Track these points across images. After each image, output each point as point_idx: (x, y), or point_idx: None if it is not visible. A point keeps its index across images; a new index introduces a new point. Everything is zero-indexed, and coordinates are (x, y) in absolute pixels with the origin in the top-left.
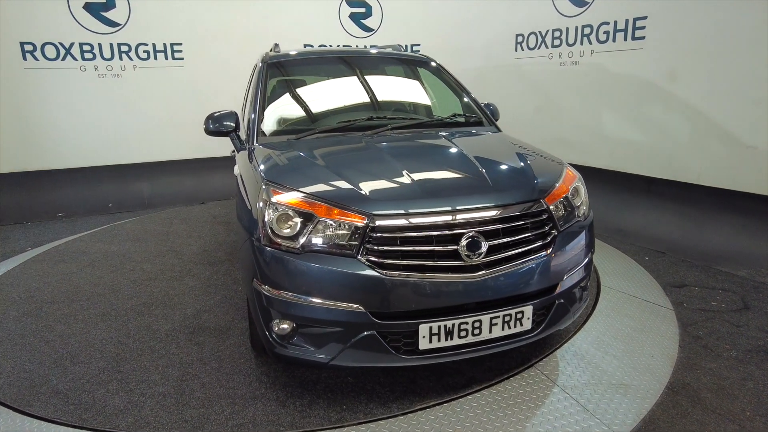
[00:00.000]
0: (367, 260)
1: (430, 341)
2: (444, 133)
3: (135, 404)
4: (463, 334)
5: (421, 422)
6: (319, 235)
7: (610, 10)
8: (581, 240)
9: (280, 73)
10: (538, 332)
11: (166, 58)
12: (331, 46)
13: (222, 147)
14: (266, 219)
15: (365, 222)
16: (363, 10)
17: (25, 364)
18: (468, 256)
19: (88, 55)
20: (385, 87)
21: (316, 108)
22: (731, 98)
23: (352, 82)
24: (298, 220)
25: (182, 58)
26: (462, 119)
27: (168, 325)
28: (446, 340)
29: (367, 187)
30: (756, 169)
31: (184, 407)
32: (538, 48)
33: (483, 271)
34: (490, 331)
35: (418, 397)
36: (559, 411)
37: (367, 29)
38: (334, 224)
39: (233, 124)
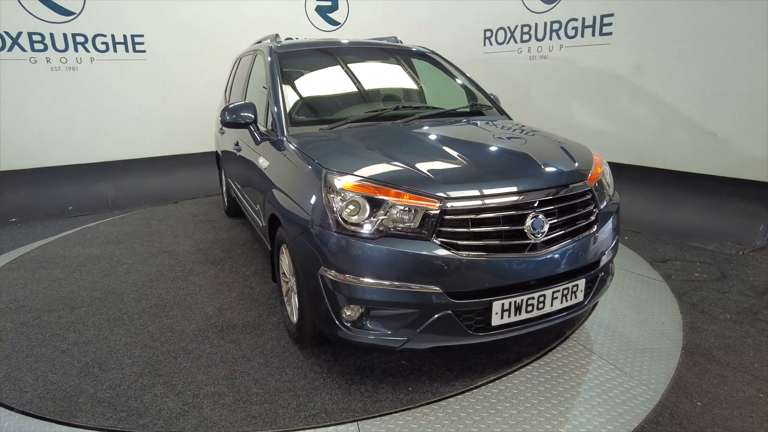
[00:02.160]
0: (442, 242)
1: (501, 317)
2: (471, 121)
3: (192, 406)
4: (529, 308)
5: (486, 396)
6: (391, 219)
7: (578, 6)
8: (614, 218)
9: (292, 63)
10: (587, 303)
11: (127, 50)
12: (296, 38)
13: (190, 143)
14: (335, 207)
15: (438, 205)
16: (329, 3)
17: (48, 375)
18: (533, 234)
19: (38, 46)
20: (400, 77)
21: (339, 98)
22: (693, 90)
23: (366, 72)
24: (367, 205)
25: (144, 51)
26: (478, 108)
27: (193, 325)
28: (515, 315)
29: (430, 171)
30: (716, 153)
31: (246, 404)
32: (507, 43)
33: (545, 249)
34: (552, 305)
35: (476, 374)
36: (602, 375)
37: (334, 23)
38: (405, 208)
39: (252, 115)
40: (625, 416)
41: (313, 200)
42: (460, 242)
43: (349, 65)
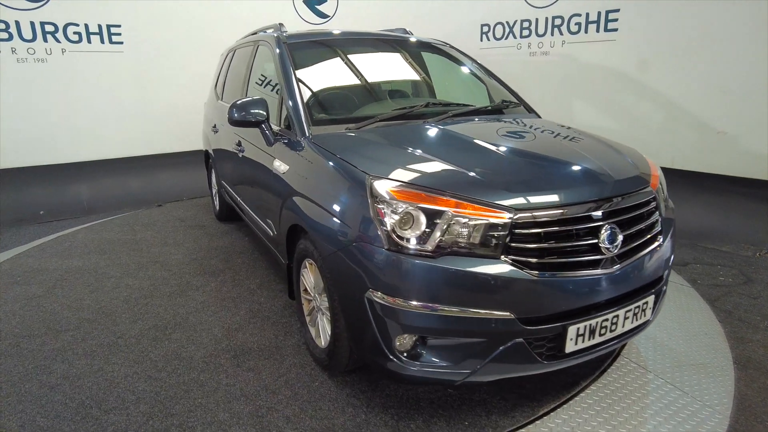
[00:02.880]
0: (513, 260)
1: (576, 343)
2: (508, 119)
3: None
4: (602, 331)
5: (551, 428)
6: (453, 234)
7: (582, 1)
8: (673, 226)
9: (303, 55)
10: (652, 320)
11: (102, 41)
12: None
13: (172, 142)
14: (386, 220)
15: (508, 217)
16: None
17: (36, 419)
18: (607, 248)
19: (2, 35)
20: (419, 72)
21: (358, 94)
22: (702, 87)
23: (383, 66)
24: (424, 218)
25: (121, 43)
26: (507, 105)
27: (201, 351)
28: (589, 339)
29: (491, 177)
30: (725, 152)
31: None
32: (506, 38)
33: (619, 264)
34: (623, 325)
35: (533, 402)
36: (664, 397)
37: (322, 15)
38: (469, 221)
39: (264, 113)
40: None
41: (355, 211)
42: (533, 260)
43: (365, 59)
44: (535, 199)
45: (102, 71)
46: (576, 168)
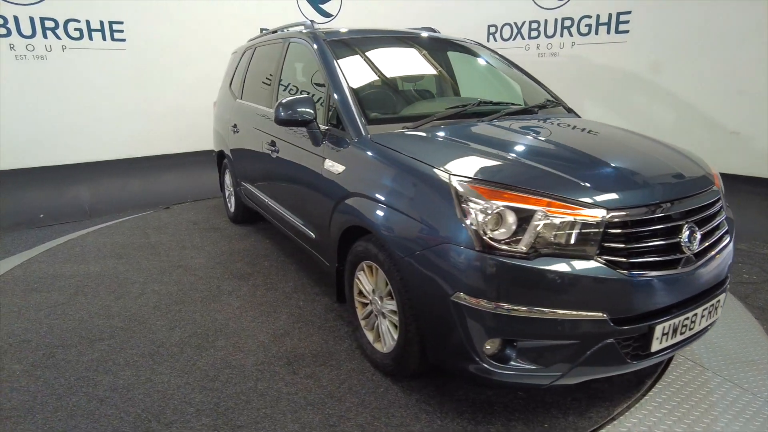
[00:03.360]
0: (606, 260)
1: (660, 341)
2: (557, 119)
3: None
4: (683, 329)
5: (628, 427)
6: (546, 234)
7: (593, 3)
8: (733, 226)
9: (344, 53)
10: (718, 318)
11: (104, 38)
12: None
13: (175, 142)
14: (476, 220)
15: (601, 217)
16: None
17: None
18: (687, 247)
19: (0, 30)
20: (463, 71)
21: (403, 93)
22: (715, 88)
23: (423, 64)
24: (515, 218)
25: (124, 40)
26: (551, 105)
27: (251, 358)
28: (672, 338)
29: (577, 176)
30: (738, 152)
31: None
32: (513, 39)
33: (697, 263)
34: (699, 323)
35: (605, 401)
36: (726, 395)
37: (326, 14)
38: (562, 221)
39: (313, 112)
40: None
41: (438, 213)
42: (623, 259)
43: (403, 57)
44: (624, 199)
45: (103, 69)
46: (654, 168)
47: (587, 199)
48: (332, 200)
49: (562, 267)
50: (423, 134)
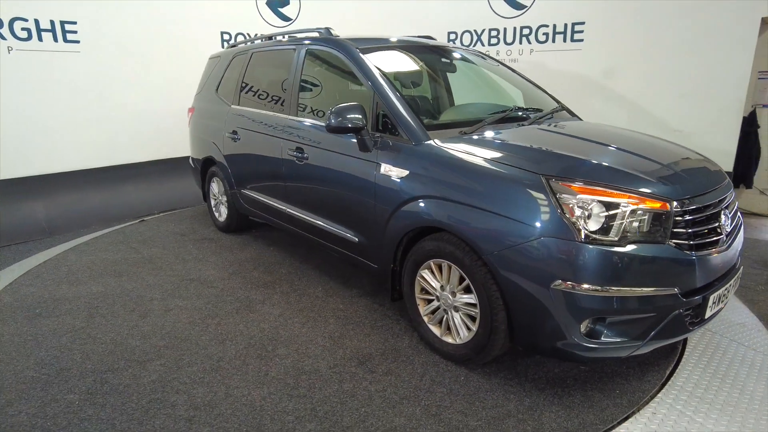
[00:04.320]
0: (675, 244)
1: (711, 309)
2: (578, 122)
3: None
4: (723, 299)
5: (680, 385)
6: (630, 223)
7: (549, 14)
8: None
9: (378, 61)
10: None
11: (56, 39)
12: (248, 34)
13: (137, 151)
14: (575, 214)
15: (670, 207)
16: None
17: None
18: (723, 230)
19: None
20: (489, 78)
21: (435, 98)
22: (660, 92)
23: (460, 72)
24: (605, 210)
25: (78, 42)
26: (561, 110)
27: (322, 363)
28: (717, 305)
29: (643, 173)
30: None
31: None
32: (473, 46)
33: (729, 243)
34: (730, 293)
35: (654, 366)
36: (739, 354)
37: (285, 18)
38: (640, 212)
39: (363, 118)
40: None
41: (533, 209)
42: (687, 242)
43: (423, 64)
44: (683, 191)
45: (56, 73)
46: (691, 164)
47: (658, 193)
48: (391, 204)
49: (645, 251)
50: (487, 138)
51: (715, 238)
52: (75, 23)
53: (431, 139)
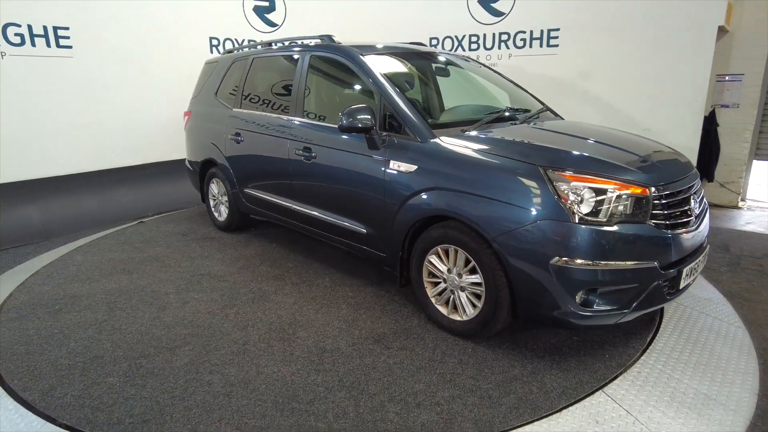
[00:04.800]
0: (654, 224)
1: (684, 281)
2: (565, 120)
3: (447, 415)
4: (693, 273)
5: (660, 348)
6: (616, 206)
7: (526, 21)
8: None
9: (381, 66)
10: None
11: (48, 45)
12: (236, 39)
13: (130, 155)
14: (570, 199)
15: (649, 193)
16: (266, 4)
17: (244, 421)
18: (693, 212)
19: None
20: (479, 81)
21: (436, 100)
22: (631, 93)
23: (454, 76)
24: (595, 195)
25: (70, 47)
26: (544, 110)
27: (341, 342)
28: (688, 278)
29: (626, 163)
30: None
31: (492, 400)
32: (455, 50)
33: (697, 223)
34: (699, 268)
35: (637, 335)
36: (707, 323)
37: (272, 24)
38: (624, 196)
39: (372, 119)
40: None
41: (532, 196)
42: (664, 222)
43: (424, 70)
44: (660, 178)
45: (49, 78)
46: (664, 155)
47: (639, 180)
48: (400, 196)
49: (629, 230)
50: (486, 135)
51: (686, 220)
52: (68, 29)
53: (437, 137)
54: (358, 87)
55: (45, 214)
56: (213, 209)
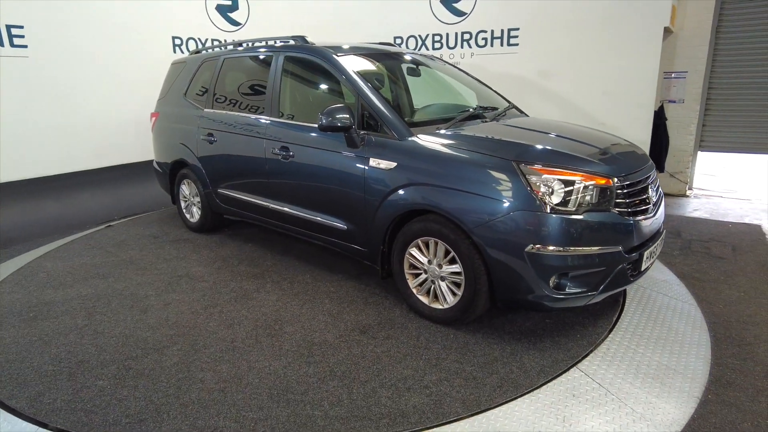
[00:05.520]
0: (618, 211)
1: (644, 264)
2: (530, 117)
3: (436, 396)
4: (652, 256)
5: (627, 323)
6: (582, 196)
7: (487, 20)
8: None
9: (355, 66)
10: None
11: (2, 44)
12: (200, 39)
13: (91, 158)
14: (541, 191)
15: (614, 182)
16: (229, 3)
17: (243, 414)
18: (651, 200)
19: None
20: (448, 81)
21: (402, 100)
22: (588, 90)
23: (424, 76)
24: (564, 187)
25: (25, 46)
26: (510, 107)
27: (328, 335)
28: (648, 261)
29: (591, 156)
30: None
31: (476, 380)
32: (419, 49)
33: (655, 210)
34: (657, 252)
35: (604, 315)
36: (664, 302)
37: (235, 23)
38: (590, 186)
39: (351, 118)
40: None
41: (507, 188)
42: (626, 210)
43: (391, 70)
44: (622, 170)
45: (3, 78)
46: (625, 149)
47: (603, 172)
48: (381, 192)
49: (596, 218)
50: (461, 133)
51: (645, 207)
52: (22, 27)
53: (414, 135)
54: (333, 87)
55: (4, 221)
56: (184, 211)
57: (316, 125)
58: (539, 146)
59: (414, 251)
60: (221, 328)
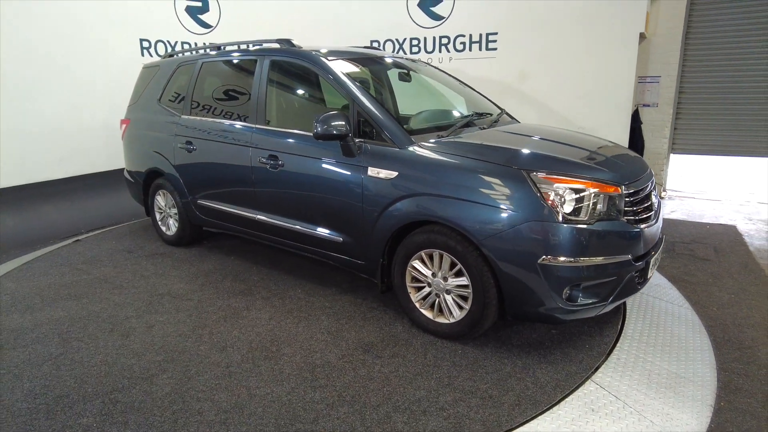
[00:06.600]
0: (627, 220)
1: (651, 272)
2: (521, 123)
3: (454, 419)
4: (656, 263)
5: (631, 332)
6: (594, 206)
7: (465, 25)
8: None
9: (348, 71)
10: None
11: None
12: (169, 42)
13: (51, 167)
14: (552, 201)
15: (621, 191)
16: (199, 4)
17: None
18: (652, 208)
19: None
20: (440, 87)
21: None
22: (565, 94)
23: (414, 81)
24: (575, 196)
25: None
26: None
27: (330, 355)
28: (653, 269)
29: (597, 164)
30: None
31: (493, 400)
32: (396, 53)
33: (657, 218)
34: (660, 259)
35: (610, 324)
36: (662, 306)
37: (205, 25)
38: (601, 196)
39: (348, 126)
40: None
41: (518, 198)
42: (634, 218)
43: (379, 75)
44: (628, 178)
45: None
46: (627, 157)
47: (611, 179)
48: (380, 203)
49: (607, 227)
50: (462, 140)
51: (648, 214)
52: None
53: (415, 144)
54: (323, 93)
55: None
56: (160, 223)
57: (306, 133)
58: (548, 154)
59: (417, 264)
60: (213, 352)
